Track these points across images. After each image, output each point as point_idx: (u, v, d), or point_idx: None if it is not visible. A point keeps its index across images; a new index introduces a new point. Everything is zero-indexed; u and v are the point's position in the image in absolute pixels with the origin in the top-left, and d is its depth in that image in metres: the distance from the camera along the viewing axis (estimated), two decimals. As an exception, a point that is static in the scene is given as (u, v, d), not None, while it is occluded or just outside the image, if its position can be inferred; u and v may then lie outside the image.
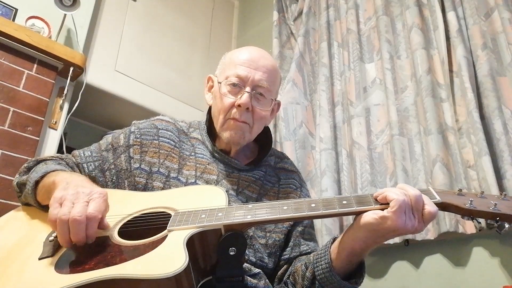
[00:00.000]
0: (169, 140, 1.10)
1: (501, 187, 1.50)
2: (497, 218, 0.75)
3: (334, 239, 0.91)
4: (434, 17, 1.90)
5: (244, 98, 1.03)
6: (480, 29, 1.75)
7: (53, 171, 0.95)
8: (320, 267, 0.89)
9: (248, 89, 1.04)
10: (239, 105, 1.03)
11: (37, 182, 0.94)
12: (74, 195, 0.80)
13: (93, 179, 1.05)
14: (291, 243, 1.07)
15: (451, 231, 1.56)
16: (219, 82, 1.08)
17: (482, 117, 1.64)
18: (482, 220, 1.17)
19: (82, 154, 1.09)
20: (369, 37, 2.20)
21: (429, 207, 0.78)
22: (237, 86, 1.05)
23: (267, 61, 1.09)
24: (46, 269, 0.76)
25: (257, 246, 1.01)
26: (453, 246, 1.65)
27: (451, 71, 1.81)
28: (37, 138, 1.90)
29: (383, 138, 1.96)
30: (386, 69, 2.00)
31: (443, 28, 1.84)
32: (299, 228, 1.10)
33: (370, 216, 0.79)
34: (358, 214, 0.82)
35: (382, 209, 0.79)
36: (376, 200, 0.81)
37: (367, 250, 0.86)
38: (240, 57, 1.08)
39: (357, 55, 2.17)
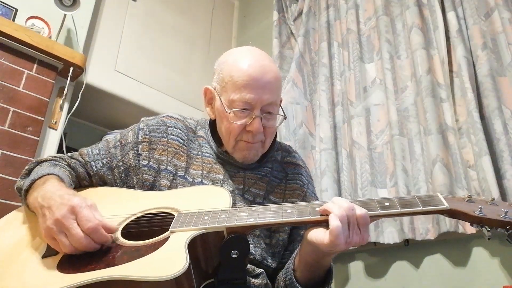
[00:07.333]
0: (178, 138, 1.09)
1: (501, 187, 1.50)
2: (508, 227, 0.72)
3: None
4: (434, 17, 1.91)
5: (255, 125, 0.98)
6: (480, 29, 1.75)
7: (40, 178, 0.94)
8: (288, 277, 0.92)
9: (257, 112, 0.98)
10: (250, 131, 0.99)
11: (26, 191, 0.94)
12: (59, 224, 0.79)
13: (102, 178, 1.06)
14: (290, 247, 1.07)
15: (451, 231, 1.57)
16: (223, 103, 1.00)
17: (482, 117, 1.64)
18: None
19: (90, 152, 1.09)
20: (369, 37, 2.20)
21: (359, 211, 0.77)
22: (245, 111, 0.98)
23: (270, 73, 1.00)
24: (49, 268, 0.77)
25: (263, 246, 1.01)
26: (453, 246, 1.65)
27: (451, 71, 1.82)
28: (37, 138, 1.89)
29: (383, 138, 1.96)
30: (386, 69, 2.00)
31: (443, 28, 1.84)
32: (301, 232, 1.08)
33: (313, 234, 0.80)
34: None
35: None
36: (381, 202, 0.80)
37: (322, 260, 0.86)
38: (242, 76, 0.98)
39: (357, 55, 2.17)
